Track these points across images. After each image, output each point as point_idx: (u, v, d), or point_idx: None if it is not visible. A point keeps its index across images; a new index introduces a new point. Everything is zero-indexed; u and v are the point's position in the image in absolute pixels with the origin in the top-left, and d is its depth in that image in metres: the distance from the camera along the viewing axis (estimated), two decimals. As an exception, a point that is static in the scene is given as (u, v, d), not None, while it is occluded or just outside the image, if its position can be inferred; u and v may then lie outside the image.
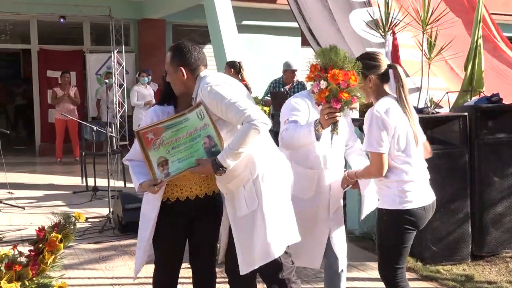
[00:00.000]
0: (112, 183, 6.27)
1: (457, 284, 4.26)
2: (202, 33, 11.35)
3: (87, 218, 5.88)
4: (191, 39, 10.08)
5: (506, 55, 7.58)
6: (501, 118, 4.89)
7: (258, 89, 9.06)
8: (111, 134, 7.56)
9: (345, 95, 2.73)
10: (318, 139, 2.91)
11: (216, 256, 3.19)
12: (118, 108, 10.74)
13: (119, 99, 10.82)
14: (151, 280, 3.14)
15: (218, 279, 3.23)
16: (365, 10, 7.21)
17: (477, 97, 5.41)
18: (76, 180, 8.35)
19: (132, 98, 10.15)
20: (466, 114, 4.79)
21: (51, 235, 2.54)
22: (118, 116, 10.69)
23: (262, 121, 2.61)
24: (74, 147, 10.44)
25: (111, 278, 4.42)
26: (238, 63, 7.02)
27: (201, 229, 3.04)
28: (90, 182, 7.55)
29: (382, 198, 2.99)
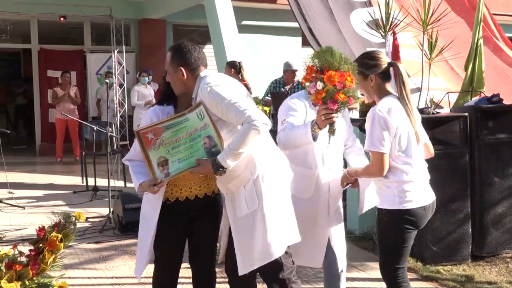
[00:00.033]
0: (112, 183, 6.27)
1: (457, 284, 4.25)
2: (202, 33, 11.35)
3: (87, 218, 5.88)
4: (192, 39, 10.07)
5: (507, 55, 7.58)
6: (501, 118, 4.89)
7: (259, 89, 9.05)
8: (112, 134, 7.55)
9: (341, 96, 2.75)
10: (315, 140, 2.92)
11: (216, 256, 3.19)
12: (118, 108, 10.75)
13: (119, 99, 10.82)
14: (151, 280, 3.14)
15: (218, 279, 3.23)
16: (365, 10, 7.21)
17: (477, 97, 5.40)
18: (76, 180, 8.34)
19: (132, 98, 10.17)
20: (467, 114, 4.79)
21: (51, 234, 2.53)
22: (118, 116, 10.69)
23: (262, 121, 2.61)
24: (75, 147, 10.44)
25: (111, 278, 4.43)
26: (239, 63, 7.02)
27: (201, 229, 3.04)
28: (91, 182, 7.55)
29: (382, 198, 2.98)
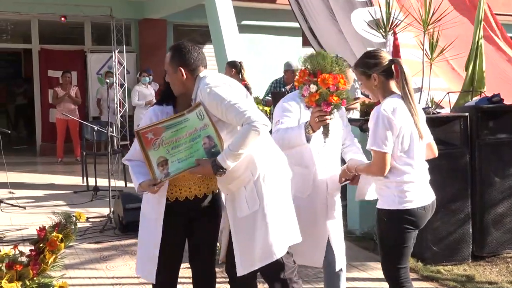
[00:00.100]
0: (113, 183, 6.27)
1: (457, 284, 4.25)
2: (203, 33, 11.36)
3: (87, 218, 5.88)
4: (192, 39, 10.09)
5: (507, 55, 7.58)
6: (502, 118, 4.88)
7: (259, 89, 9.05)
8: (112, 134, 7.55)
9: (335, 98, 2.78)
10: (308, 142, 2.95)
11: (215, 256, 3.19)
12: (119, 108, 10.75)
13: (120, 98, 10.82)
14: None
15: (218, 279, 3.23)
16: (366, 10, 7.19)
17: (478, 97, 5.40)
18: (77, 180, 8.34)
19: (133, 98, 10.17)
20: (467, 114, 4.78)
21: (52, 234, 2.53)
22: (119, 116, 10.69)
23: (262, 122, 2.61)
24: (75, 147, 10.44)
25: (112, 278, 4.43)
26: (239, 63, 7.01)
27: (200, 229, 3.04)
28: (91, 182, 7.55)
29: (381, 198, 2.97)
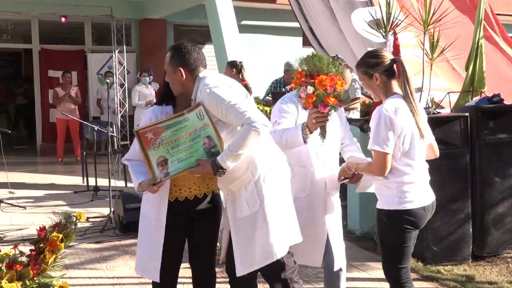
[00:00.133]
0: (113, 183, 6.27)
1: (458, 284, 4.25)
2: (203, 33, 11.36)
3: (88, 218, 5.89)
4: (192, 39, 10.10)
5: (508, 55, 7.57)
6: (502, 118, 4.88)
7: (259, 89, 9.05)
8: (112, 134, 7.55)
9: (332, 99, 2.79)
10: (305, 142, 2.96)
11: (215, 256, 3.19)
12: (119, 108, 10.75)
13: (120, 98, 10.82)
14: (151, 280, 3.14)
15: (218, 279, 3.23)
16: (366, 10, 7.18)
17: (478, 97, 5.40)
18: (77, 180, 8.35)
19: (133, 98, 10.18)
20: (467, 114, 4.78)
21: (52, 234, 2.53)
22: (119, 116, 10.69)
23: (262, 123, 2.61)
24: (75, 147, 10.45)
25: (112, 278, 4.43)
26: (239, 63, 7.01)
27: (200, 229, 3.04)
28: (91, 181, 7.56)
29: (381, 199, 2.97)
